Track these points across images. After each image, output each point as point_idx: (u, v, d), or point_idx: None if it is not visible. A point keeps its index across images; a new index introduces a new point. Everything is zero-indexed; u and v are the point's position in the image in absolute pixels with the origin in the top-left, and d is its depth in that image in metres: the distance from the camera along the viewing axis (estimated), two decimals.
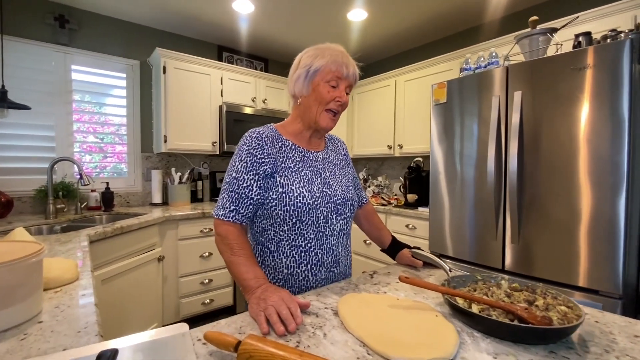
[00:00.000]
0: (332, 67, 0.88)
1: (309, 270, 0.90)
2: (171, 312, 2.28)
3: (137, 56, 2.72)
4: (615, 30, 1.58)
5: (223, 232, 0.85)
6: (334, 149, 1.06)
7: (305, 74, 0.89)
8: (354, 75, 0.91)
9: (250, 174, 0.86)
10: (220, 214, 0.86)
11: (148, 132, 2.78)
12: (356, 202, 1.01)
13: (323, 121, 0.91)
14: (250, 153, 0.87)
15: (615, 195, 1.36)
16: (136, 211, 2.37)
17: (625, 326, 0.68)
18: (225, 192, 0.88)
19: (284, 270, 0.90)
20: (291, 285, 0.90)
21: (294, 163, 0.91)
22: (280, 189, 0.87)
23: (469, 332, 0.63)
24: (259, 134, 0.90)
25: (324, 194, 0.91)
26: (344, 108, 0.93)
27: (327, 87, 0.88)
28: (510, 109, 1.63)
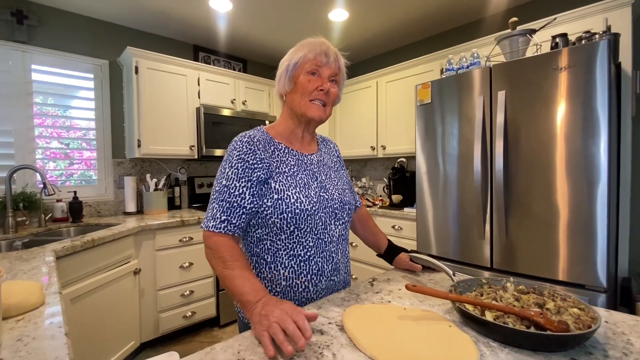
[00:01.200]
0: (309, 56, 0.84)
1: (309, 280, 0.84)
2: (150, 328, 2.14)
3: (106, 55, 2.55)
4: (589, 32, 1.64)
5: (214, 245, 0.77)
6: (327, 151, 1.02)
7: (286, 70, 0.86)
8: (335, 62, 0.87)
9: (242, 181, 0.80)
10: (211, 225, 0.78)
11: (119, 137, 2.61)
12: (353, 205, 0.97)
13: (310, 111, 0.85)
14: (241, 158, 0.81)
15: (593, 191, 1.40)
16: (108, 221, 2.21)
17: (635, 325, 0.67)
18: (215, 201, 0.80)
19: (282, 282, 0.83)
20: (290, 298, 0.84)
21: (289, 167, 0.86)
22: (275, 196, 0.81)
23: (484, 342, 0.60)
24: (250, 138, 0.84)
25: (321, 199, 0.86)
26: (331, 99, 0.88)
27: (308, 77, 0.84)
28: (495, 109, 1.65)
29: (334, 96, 0.88)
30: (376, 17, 2.57)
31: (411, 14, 2.54)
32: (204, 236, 0.80)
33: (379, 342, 0.58)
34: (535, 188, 1.55)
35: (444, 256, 1.93)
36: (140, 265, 2.07)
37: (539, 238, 1.54)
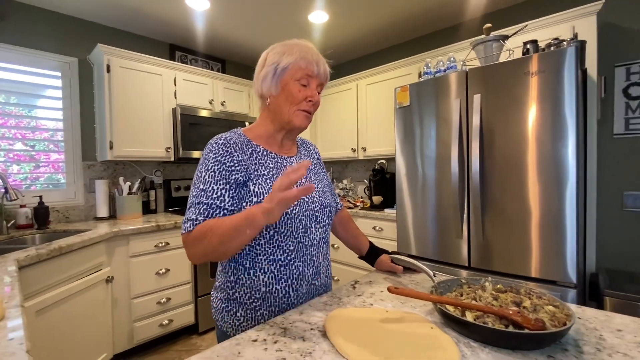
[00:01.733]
0: (301, 64, 0.82)
1: (290, 285, 0.82)
2: (123, 339, 2.04)
3: (76, 53, 2.43)
4: (558, 39, 1.72)
5: (197, 233, 0.73)
6: (307, 154, 1.00)
7: (273, 72, 0.82)
8: (325, 73, 0.86)
9: (220, 184, 0.77)
10: (188, 225, 0.75)
11: (90, 138, 2.49)
12: (334, 208, 0.96)
13: (297, 120, 0.84)
14: (218, 161, 0.79)
15: (562, 191, 1.46)
16: (77, 227, 2.09)
17: (606, 321, 0.69)
18: (192, 205, 0.77)
19: (262, 288, 0.81)
20: (270, 304, 0.81)
21: (268, 170, 0.84)
22: (255, 199, 0.78)
23: (465, 342, 0.60)
24: (226, 140, 0.81)
25: (302, 202, 0.84)
26: (316, 107, 0.87)
27: (298, 86, 0.82)
28: (471, 111, 1.69)
29: (318, 105, 0.88)
30: (355, 20, 2.59)
31: (389, 18, 2.58)
32: (184, 242, 0.75)
33: (362, 348, 0.57)
34: (509, 188, 1.61)
35: (424, 256, 1.96)
36: (113, 272, 1.97)
37: (514, 237, 1.60)
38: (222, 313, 0.85)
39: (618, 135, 1.98)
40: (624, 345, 0.59)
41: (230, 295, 0.84)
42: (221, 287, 0.86)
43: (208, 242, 0.71)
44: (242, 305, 0.82)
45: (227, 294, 0.84)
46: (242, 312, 0.82)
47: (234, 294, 0.83)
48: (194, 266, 2.36)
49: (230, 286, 0.84)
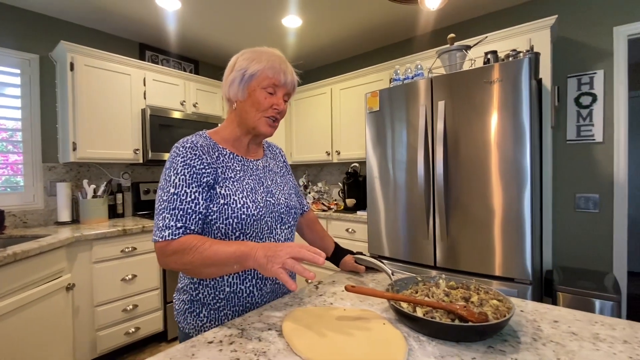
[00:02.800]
0: (268, 73, 0.83)
1: (254, 285, 0.83)
2: (85, 349, 1.95)
3: (37, 49, 2.32)
4: (516, 50, 1.83)
5: (177, 246, 0.72)
6: (273, 157, 1.02)
7: (241, 77, 0.83)
8: (292, 83, 0.87)
9: (193, 187, 0.77)
10: (167, 234, 0.73)
11: (52, 139, 2.37)
12: (299, 209, 0.98)
13: (262, 127, 0.86)
14: (187, 164, 0.78)
15: (520, 193, 1.55)
16: (36, 232, 1.98)
17: (545, 313, 0.75)
18: (165, 211, 0.75)
19: (226, 288, 0.81)
20: (234, 303, 0.82)
21: (235, 173, 0.85)
22: (222, 201, 0.79)
23: (415, 337, 0.63)
24: (192, 143, 0.81)
25: (268, 204, 0.86)
26: (282, 116, 0.89)
27: (264, 94, 0.83)
28: (436, 117, 1.77)
29: (284, 113, 0.89)
30: (329, 26, 2.64)
31: (360, 26, 2.64)
32: (159, 249, 0.74)
33: (315, 345, 0.58)
34: (472, 191, 1.68)
35: (395, 257, 2.00)
36: (74, 279, 1.88)
37: (477, 237, 1.67)
38: (185, 314, 0.85)
39: (570, 141, 2.13)
40: (558, 334, 0.64)
41: (193, 296, 0.84)
42: (184, 289, 0.86)
43: (189, 259, 0.71)
44: (205, 306, 0.83)
45: (191, 295, 0.84)
46: (205, 313, 0.83)
47: (198, 294, 0.83)
48: (162, 272, 2.30)
49: (194, 287, 0.84)
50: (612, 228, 2.01)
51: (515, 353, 0.58)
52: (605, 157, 2.03)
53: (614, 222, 2.00)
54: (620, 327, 0.67)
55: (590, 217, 2.08)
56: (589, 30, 2.08)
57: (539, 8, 2.25)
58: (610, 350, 0.58)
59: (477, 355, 0.57)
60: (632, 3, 1.96)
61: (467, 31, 2.53)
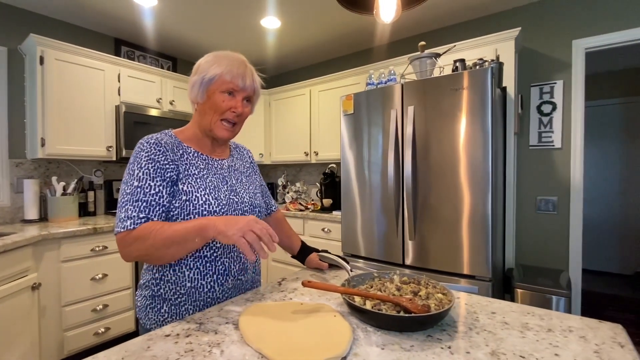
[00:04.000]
0: (227, 77, 0.85)
1: (215, 280, 0.85)
2: (52, 350, 1.90)
3: (5, 42, 2.24)
4: (482, 59, 1.93)
5: (137, 234, 0.73)
6: (240, 157, 1.04)
7: (200, 81, 0.85)
8: (251, 87, 0.89)
9: (157, 180, 0.79)
10: (128, 224, 0.74)
11: (19, 134, 2.30)
12: (264, 209, 1.01)
13: (218, 131, 0.88)
14: (151, 159, 0.80)
15: (485, 195, 1.64)
16: (1, 231, 1.92)
17: (486, 305, 0.81)
18: (128, 202, 0.76)
19: (187, 283, 0.83)
20: (195, 298, 0.84)
21: (198, 170, 0.87)
22: (184, 197, 0.81)
23: (363, 328, 0.68)
24: (157, 140, 0.83)
25: (230, 201, 0.88)
26: (242, 119, 0.91)
27: (222, 97, 0.85)
28: (406, 121, 1.84)
29: (245, 116, 0.91)
30: (307, 29, 2.68)
31: (338, 30, 2.69)
32: (120, 240, 0.74)
33: (266, 335, 0.62)
34: (440, 193, 1.76)
35: (370, 256, 2.05)
36: (41, 279, 1.84)
37: (444, 237, 1.75)
38: (147, 310, 0.86)
39: (533, 147, 2.25)
40: (492, 324, 0.71)
41: (155, 292, 0.85)
42: (146, 285, 0.88)
43: (150, 243, 0.72)
44: (166, 302, 0.84)
45: (152, 290, 0.86)
46: (166, 308, 0.84)
47: (159, 290, 0.85)
48: (134, 271, 2.27)
49: (155, 283, 0.85)
50: (569, 229, 2.15)
51: (450, 341, 0.63)
52: (563, 162, 2.16)
53: (570, 223, 2.14)
54: (548, 318, 0.74)
55: (549, 218, 2.21)
56: (551, 42, 2.21)
57: (505, 20, 2.37)
58: (534, 337, 0.65)
59: (416, 344, 0.62)
60: (590, 18, 2.10)
61: (439, 39, 2.63)
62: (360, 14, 1.12)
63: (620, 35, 2.02)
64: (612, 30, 2.04)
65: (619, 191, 3.81)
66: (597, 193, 3.92)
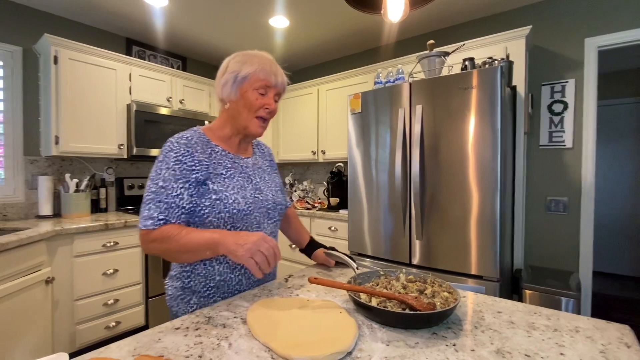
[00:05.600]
0: (260, 75, 0.88)
1: (243, 274, 0.91)
2: (64, 342, 1.96)
3: (20, 42, 2.30)
4: (492, 58, 1.91)
5: (157, 235, 0.78)
6: (262, 155, 1.08)
7: (233, 79, 0.88)
8: (282, 84, 0.93)
9: (180, 182, 0.82)
10: (149, 224, 0.79)
11: (34, 132, 2.36)
12: (284, 206, 1.05)
13: (253, 127, 0.91)
14: (178, 160, 0.83)
15: (493, 195, 1.63)
16: (16, 226, 1.98)
17: (492, 305, 0.81)
18: (152, 202, 0.80)
19: (217, 277, 0.88)
20: (224, 291, 0.89)
21: (226, 170, 0.90)
22: (214, 196, 0.84)
23: (368, 325, 0.69)
24: (187, 139, 0.86)
25: (256, 200, 0.92)
26: (272, 115, 0.94)
27: (256, 94, 0.88)
28: (414, 120, 1.83)
29: (275, 113, 0.95)
30: (315, 28, 2.68)
31: (346, 29, 2.69)
32: (142, 236, 0.80)
33: (273, 330, 0.63)
34: (449, 192, 1.75)
35: (377, 255, 2.05)
36: (54, 273, 1.89)
37: (451, 236, 1.74)
38: (177, 300, 0.91)
39: (543, 147, 2.22)
40: (497, 323, 0.71)
41: (185, 284, 0.89)
42: (177, 276, 0.92)
43: (167, 247, 0.78)
44: (196, 294, 0.89)
45: (182, 282, 0.90)
46: (195, 300, 0.89)
47: (189, 282, 0.89)
48: (145, 267, 2.31)
49: (186, 275, 0.89)
50: (579, 230, 2.12)
51: (455, 339, 0.64)
52: (574, 162, 2.13)
53: (581, 224, 2.11)
54: (555, 318, 0.73)
55: (559, 219, 2.18)
56: (562, 40, 2.17)
57: (516, 18, 2.34)
58: (540, 337, 0.65)
59: (421, 341, 0.63)
60: (602, 16, 2.07)
61: (448, 38, 2.61)
62: (368, 14, 1.13)
63: (634, 33, 1.98)
64: (625, 29, 2.00)
65: (631, 192, 3.73)
66: (609, 194, 3.84)
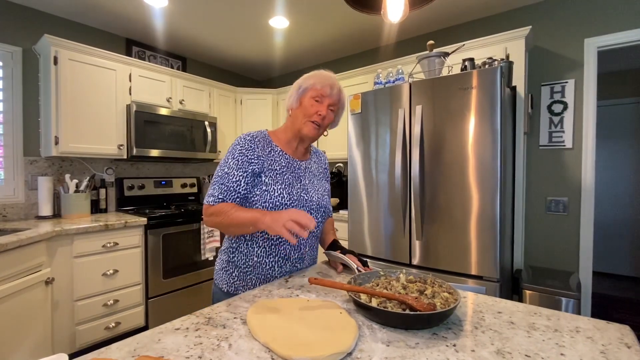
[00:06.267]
0: (317, 85, 1.02)
1: (276, 262, 1.02)
2: (64, 343, 1.95)
3: (19, 42, 2.30)
4: (492, 58, 1.91)
5: (214, 210, 0.95)
6: (317, 162, 1.17)
7: (297, 90, 1.05)
8: (337, 96, 1.05)
9: (240, 171, 0.97)
10: (210, 200, 0.97)
11: (34, 133, 2.36)
12: (330, 210, 1.12)
13: (306, 129, 1.03)
14: (242, 153, 0.99)
15: (493, 195, 1.63)
16: (15, 226, 1.98)
17: (492, 305, 0.81)
18: (216, 183, 0.98)
19: (255, 258, 1.01)
20: (258, 272, 1.01)
21: (280, 167, 1.03)
22: (264, 187, 0.98)
23: (368, 325, 0.69)
24: (252, 137, 1.02)
25: (301, 198, 1.02)
26: (326, 121, 1.05)
27: (312, 102, 1.02)
28: (413, 121, 1.83)
29: (328, 121, 1.06)
30: (315, 28, 2.68)
31: (347, 29, 2.69)
32: (204, 210, 0.98)
33: (273, 330, 0.63)
34: (448, 192, 1.75)
35: (378, 256, 2.05)
36: (54, 273, 1.89)
37: (453, 237, 1.74)
38: (221, 272, 1.06)
39: (543, 147, 2.23)
40: (498, 324, 0.71)
41: (230, 258, 1.05)
42: (224, 251, 1.07)
43: (220, 220, 0.94)
44: (237, 268, 1.03)
45: (228, 256, 1.05)
46: (237, 274, 1.03)
47: (233, 257, 1.04)
48: (145, 267, 2.31)
49: (231, 251, 1.05)
50: (579, 230, 2.12)
51: (455, 339, 0.64)
52: (574, 163, 2.13)
53: (580, 225, 2.11)
54: (555, 318, 0.73)
55: (559, 220, 2.18)
56: (562, 41, 2.18)
57: (516, 18, 2.34)
58: (541, 337, 0.65)
59: (421, 341, 0.63)
60: (602, 16, 2.07)
61: (448, 38, 2.61)
62: (368, 14, 1.13)
63: (634, 33, 1.98)
64: (625, 29, 2.01)
65: (631, 192, 3.73)
66: (609, 194, 3.84)
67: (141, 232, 2.29)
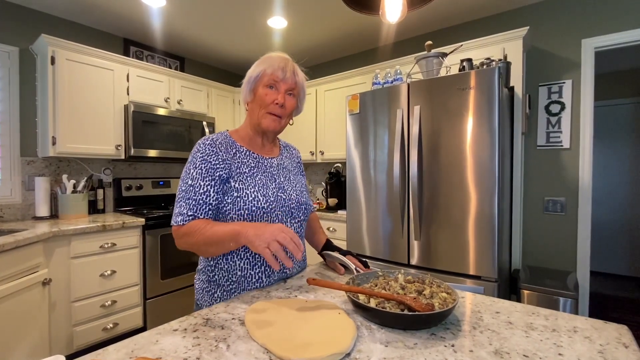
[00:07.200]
0: (268, 70, 0.91)
1: (263, 272, 0.92)
2: (62, 344, 1.95)
3: (17, 42, 2.29)
4: (490, 59, 1.91)
5: (186, 230, 0.84)
6: (289, 157, 1.09)
7: (247, 81, 0.94)
8: (292, 79, 0.93)
9: (206, 180, 0.87)
10: (179, 220, 0.85)
11: (31, 133, 2.35)
12: (310, 206, 1.05)
13: (264, 122, 0.93)
14: (204, 160, 0.88)
15: (491, 196, 1.63)
16: (12, 227, 1.97)
17: (490, 305, 0.81)
18: (182, 199, 0.87)
19: (238, 272, 0.91)
20: (244, 287, 0.91)
21: (249, 168, 0.93)
22: (235, 194, 0.88)
23: (367, 326, 0.69)
24: (212, 140, 0.91)
25: (278, 198, 0.94)
26: (287, 110, 0.95)
27: (266, 90, 0.91)
28: (412, 121, 1.83)
29: (290, 109, 0.95)
30: (313, 29, 2.68)
31: (345, 29, 2.70)
32: (174, 232, 0.87)
33: (272, 331, 0.63)
34: (448, 193, 1.75)
35: (376, 256, 2.05)
36: (51, 275, 1.88)
37: (451, 237, 1.74)
38: (202, 293, 0.95)
39: (541, 147, 2.23)
40: (496, 324, 0.71)
41: (210, 277, 0.94)
42: (202, 270, 0.97)
43: (194, 240, 0.83)
44: (220, 287, 0.93)
45: (208, 276, 0.94)
46: (219, 293, 0.93)
47: (214, 276, 0.93)
48: (143, 268, 2.30)
49: (210, 269, 0.94)
50: (577, 230, 2.12)
51: (453, 339, 0.64)
52: (571, 163, 2.14)
53: (578, 225, 2.12)
54: (553, 318, 0.73)
55: (557, 219, 2.19)
56: (560, 41, 2.18)
57: (513, 19, 2.35)
58: (539, 337, 0.65)
59: (419, 342, 0.63)
60: (599, 17, 2.08)
61: (446, 38, 2.61)
62: (366, 14, 1.13)
63: (631, 34, 1.99)
64: (622, 30, 2.02)
65: (628, 192, 3.75)
66: (606, 194, 3.86)
67: (139, 232, 2.28)
